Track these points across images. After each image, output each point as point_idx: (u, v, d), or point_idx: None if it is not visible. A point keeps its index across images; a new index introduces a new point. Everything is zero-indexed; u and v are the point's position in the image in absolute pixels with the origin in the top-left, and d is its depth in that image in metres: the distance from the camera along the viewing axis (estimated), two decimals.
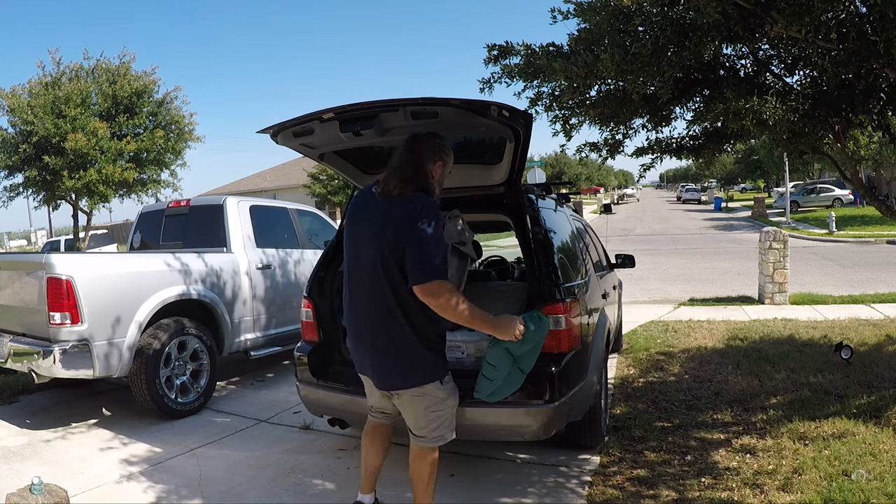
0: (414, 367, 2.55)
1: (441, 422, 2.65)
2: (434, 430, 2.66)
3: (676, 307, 8.75)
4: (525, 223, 3.40)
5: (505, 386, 2.75)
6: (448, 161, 2.71)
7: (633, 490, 3.21)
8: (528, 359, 2.76)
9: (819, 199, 31.05)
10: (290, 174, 37.20)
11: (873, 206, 4.61)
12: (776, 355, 5.64)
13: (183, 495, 3.38)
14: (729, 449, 3.68)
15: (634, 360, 5.86)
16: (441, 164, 2.67)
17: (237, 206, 5.75)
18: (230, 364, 6.12)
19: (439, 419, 2.64)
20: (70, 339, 4.19)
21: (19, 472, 3.73)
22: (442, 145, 2.70)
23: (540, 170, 22.68)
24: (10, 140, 15.38)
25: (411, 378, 2.56)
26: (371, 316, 2.58)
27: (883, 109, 3.70)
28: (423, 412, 2.62)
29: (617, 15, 3.40)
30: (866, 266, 12.68)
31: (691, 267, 13.74)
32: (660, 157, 4.72)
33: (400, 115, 2.85)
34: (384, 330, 2.54)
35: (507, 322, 2.59)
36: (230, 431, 4.42)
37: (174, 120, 16.83)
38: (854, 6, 3.03)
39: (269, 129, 3.10)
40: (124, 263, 4.70)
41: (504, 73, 4.00)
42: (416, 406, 2.62)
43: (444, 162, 2.68)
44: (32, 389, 5.50)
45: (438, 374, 2.59)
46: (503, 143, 3.28)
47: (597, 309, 4.00)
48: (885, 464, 3.28)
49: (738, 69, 3.99)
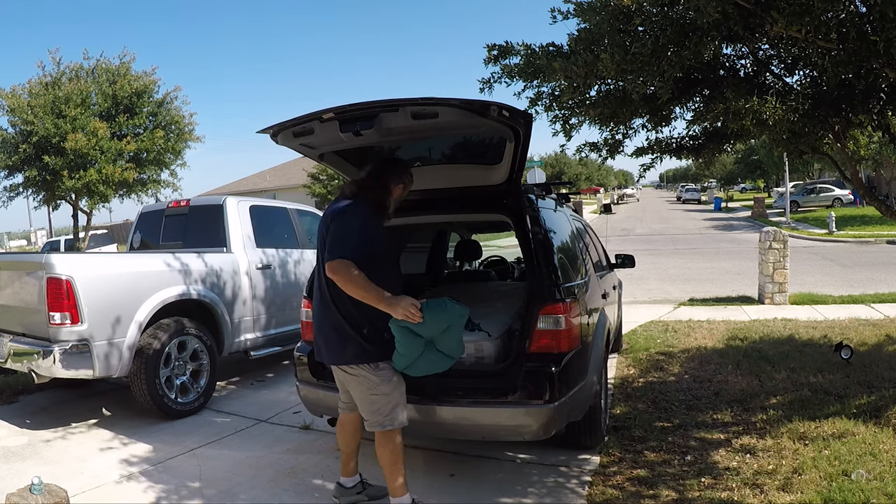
0: (344, 345, 2.83)
1: (380, 406, 2.85)
2: (375, 413, 2.86)
3: (676, 307, 8.75)
4: (525, 223, 3.40)
5: (422, 363, 2.85)
6: (409, 185, 3.08)
7: (633, 490, 3.21)
8: (448, 343, 2.87)
9: (819, 199, 31.04)
10: (290, 174, 37.19)
11: (873, 206, 4.62)
12: (776, 355, 5.64)
13: (183, 495, 3.38)
14: (729, 449, 3.68)
15: (634, 360, 5.86)
16: (402, 187, 3.04)
17: (237, 206, 5.75)
18: (230, 364, 6.11)
19: (378, 404, 2.85)
20: (70, 339, 4.19)
21: (19, 472, 3.73)
22: (406, 172, 3.07)
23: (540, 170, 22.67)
24: (10, 140, 15.38)
25: (344, 355, 2.84)
26: (318, 306, 2.96)
27: (883, 109, 3.70)
28: (365, 396, 2.86)
29: (617, 15, 3.40)
30: (866, 266, 12.68)
31: (691, 267, 13.74)
32: (660, 157, 4.72)
33: (400, 116, 2.86)
34: (325, 316, 2.90)
35: (397, 301, 2.72)
36: (230, 431, 4.42)
37: (174, 120, 16.83)
38: (854, 6, 3.03)
39: (269, 129, 3.10)
40: (124, 263, 4.70)
41: (504, 73, 4.00)
42: (356, 390, 2.89)
43: (404, 185, 3.05)
44: (32, 389, 5.50)
45: (370, 358, 2.82)
46: (503, 143, 3.29)
47: (597, 309, 4.00)
48: (885, 464, 3.28)
49: (738, 69, 3.99)
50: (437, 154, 3.76)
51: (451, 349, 2.91)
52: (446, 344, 2.88)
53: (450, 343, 2.89)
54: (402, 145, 3.66)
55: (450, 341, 2.89)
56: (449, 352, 2.90)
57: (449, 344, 2.89)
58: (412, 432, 3.15)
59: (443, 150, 3.72)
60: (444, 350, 2.88)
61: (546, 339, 3.14)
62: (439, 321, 2.80)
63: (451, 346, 2.90)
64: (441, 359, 2.90)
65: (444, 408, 3.14)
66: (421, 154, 3.77)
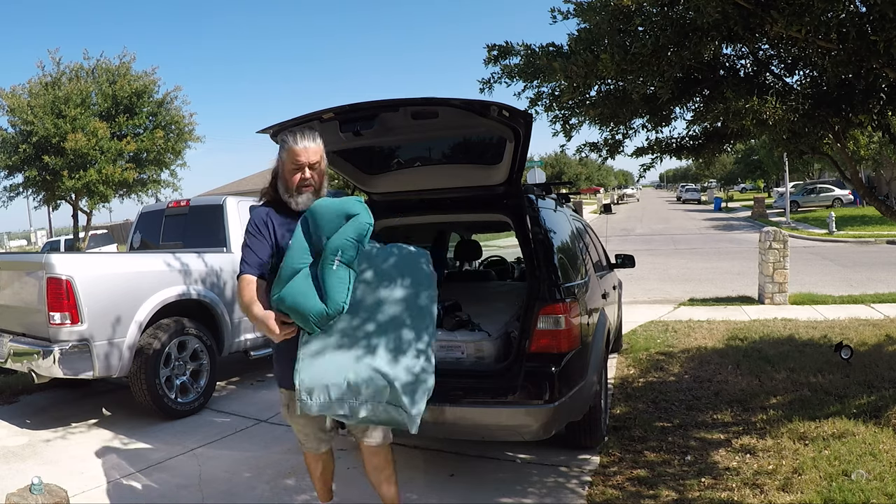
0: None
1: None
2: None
3: (676, 307, 8.75)
4: (525, 223, 3.40)
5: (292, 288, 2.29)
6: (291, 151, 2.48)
7: (633, 490, 3.21)
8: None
9: (819, 199, 31.02)
10: None
11: (873, 206, 4.61)
12: (776, 355, 5.64)
13: (183, 495, 3.38)
14: (729, 449, 3.68)
15: (634, 360, 5.86)
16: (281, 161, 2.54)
17: (237, 206, 5.75)
18: (230, 364, 6.11)
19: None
20: (70, 339, 4.19)
21: (19, 472, 3.73)
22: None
23: (540, 170, 22.65)
24: (10, 140, 15.37)
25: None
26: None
27: (883, 109, 3.69)
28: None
29: (617, 15, 3.39)
30: (866, 266, 12.67)
31: (691, 267, 13.74)
32: (660, 157, 4.71)
33: (400, 116, 2.86)
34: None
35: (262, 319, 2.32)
36: (230, 431, 4.42)
37: (174, 120, 16.82)
38: (854, 6, 3.03)
39: (269, 128, 3.10)
40: (124, 263, 4.70)
41: (504, 74, 4.00)
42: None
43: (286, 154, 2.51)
44: (32, 389, 5.50)
45: (276, 379, 2.64)
46: (503, 143, 3.29)
47: (597, 309, 4.00)
48: (885, 464, 3.28)
49: (738, 69, 3.99)
50: (437, 154, 3.77)
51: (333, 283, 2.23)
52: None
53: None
54: (401, 145, 3.66)
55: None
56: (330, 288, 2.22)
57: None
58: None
59: (443, 150, 3.73)
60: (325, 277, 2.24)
61: (546, 339, 3.14)
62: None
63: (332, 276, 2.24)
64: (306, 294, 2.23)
65: (444, 408, 3.14)
66: (421, 154, 3.77)
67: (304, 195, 2.48)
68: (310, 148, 2.45)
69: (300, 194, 2.48)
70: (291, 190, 2.48)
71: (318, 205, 2.37)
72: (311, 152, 2.45)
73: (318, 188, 2.52)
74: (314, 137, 2.47)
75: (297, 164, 2.44)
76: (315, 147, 2.47)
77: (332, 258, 2.24)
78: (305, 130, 2.48)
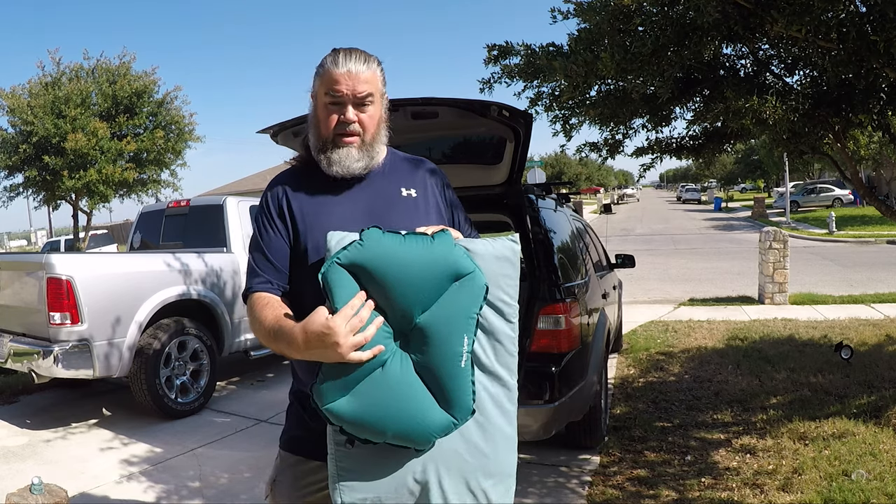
0: None
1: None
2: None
3: (676, 307, 8.75)
4: (525, 223, 3.40)
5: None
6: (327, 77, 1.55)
7: (633, 490, 3.21)
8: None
9: (819, 199, 31.02)
10: None
11: (873, 206, 4.61)
12: (776, 355, 5.64)
13: (183, 495, 3.38)
14: (729, 449, 3.68)
15: (634, 360, 5.86)
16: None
17: (237, 206, 5.75)
18: (230, 364, 6.11)
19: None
20: (70, 339, 4.19)
21: (19, 472, 3.73)
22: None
23: (540, 170, 22.64)
24: (10, 140, 15.37)
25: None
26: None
27: (883, 109, 3.69)
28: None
29: (617, 15, 3.39)
30: (866, 266, 12.67)
31: (691, 267, 13.73)
32: (660, 157, 4.71)
33: (400, 116, 2.85)
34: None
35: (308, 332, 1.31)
36: (230, 431, 4.42)
37: (174, 120, 16.81)
38: (854, 6, 3.03)
39: (269, 128, 3.09)
40: (124, 263, 4.70)
41: (504, 74, 3.99)
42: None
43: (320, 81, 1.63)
44: (32, 389, 5.50)
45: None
46: (503, 143, 3.29)
47: (597, 309, 4.00)
48: (885, 464, 3.28)
49: (738, 69, 3.98)
50: (437, 154, 3.76)
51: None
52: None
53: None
54: (401, 145, 3.65)
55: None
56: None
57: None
58: None
59: (443, 150, 3.72)
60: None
61: (546, 339, 3.14)
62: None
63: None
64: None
65: None
66: (421, 154, 3.76)
67: (343, 150, 1.51)
68: (357, 73, 1.47)
69: (337, 147, 1.51)
70: (326, 139, 1.52)
71: (396, 253, 1.30)
72: (359, 79, 1.48)
73: (369, 142, 1.55)
74: (366, 60, 1.51)
75: (334, 95, 1.49)
76: (367, 72, 1.49)
77: (459, 350, 1.33)
78: (353, 50, 1.51)
